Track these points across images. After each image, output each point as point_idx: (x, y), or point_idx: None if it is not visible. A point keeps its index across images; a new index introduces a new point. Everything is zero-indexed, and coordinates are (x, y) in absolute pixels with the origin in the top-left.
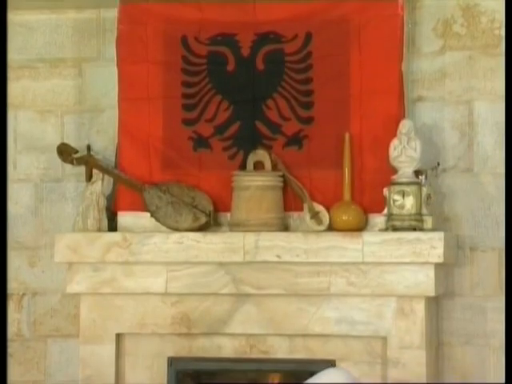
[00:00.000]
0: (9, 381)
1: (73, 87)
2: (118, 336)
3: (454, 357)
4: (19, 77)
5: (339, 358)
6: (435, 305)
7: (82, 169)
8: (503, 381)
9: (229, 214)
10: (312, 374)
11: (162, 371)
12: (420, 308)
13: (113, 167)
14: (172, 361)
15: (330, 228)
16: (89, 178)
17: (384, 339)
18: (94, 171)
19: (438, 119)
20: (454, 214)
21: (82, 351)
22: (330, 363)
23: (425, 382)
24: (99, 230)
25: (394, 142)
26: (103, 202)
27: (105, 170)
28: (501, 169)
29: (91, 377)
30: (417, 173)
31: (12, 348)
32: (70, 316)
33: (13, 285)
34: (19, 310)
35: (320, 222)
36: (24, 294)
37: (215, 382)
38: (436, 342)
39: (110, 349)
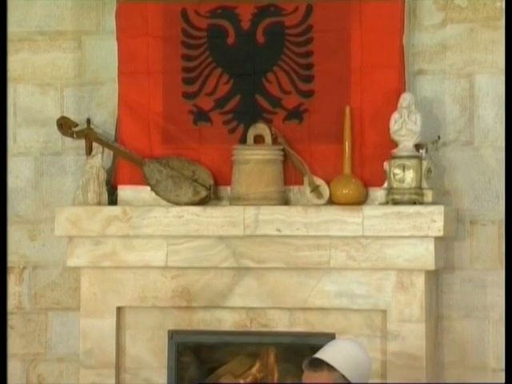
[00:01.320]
0: (10, 353)
1: (72, 60)
2: (119, 309)
3: (453, 330)
4: (18, 50)
5: (339, 332)
6: (435, 278)
7: (82, 142)
8: (503, 352)
9: (229, 188)
10: (312, 347)
11: (162, 344)
12: (420, 281)
13: (113, 141)
14: (172, 334)
15: (330, 202)
16: (89, 151)
17: (384, 312)
18: (94, 145)
19: (438, 92)
20: (454, 187)
21: (83, 324)
22: (330, 336)
23: (424, 355)
24: (99, 203)
25: (395, 116)
26: (103, 176)
27: (105, 144)
28: (501, 142)
29: (92, 350)
30: (417, 146)
31: (13, 320)
32: (70, 289)
33: (13, 258)
34: (20, 283)
35: (320, 196)
36: (25, 268)
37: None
38: (436, 315)
39: (110, 322)
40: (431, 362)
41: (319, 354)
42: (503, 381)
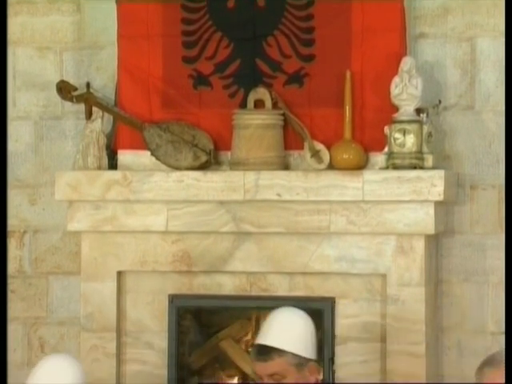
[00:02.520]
0: (11, 317)
1: (71, 23)
2: (119, 273)
3: (453, 293)
4: (17, 12)
5: (339, 296)
6: (435, 242)
7: (82, 106)
8: (502, 316)
9: (229, 153)
10: (312, 310)
11: (162, 308)
12: (420, 246)
13: (113, 105)
14: (173, 298)
15: (331, 166)
16: (88, 115)
17: (383, 276)
18: (94, 109)
19: (439, 56)
20: (454, 152)
21: (84, 288)
22: (330, 300)
23: (423, 319)
24: (99, 168)
25: (396, 80)
26: (103, 140)
27: (105, 108)
28: (502, 106)
29: (93, 313)
30: (418, 111)
31: (14, 284)
32: (71, 253)
33: (14, 222)
34: (20, 247)
35: (320, 161)
36: (25, 232)
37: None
38: (435, 279)
39: (111, 286)
40: (430, 326)
41: (264, 340)
42: (503, 343)
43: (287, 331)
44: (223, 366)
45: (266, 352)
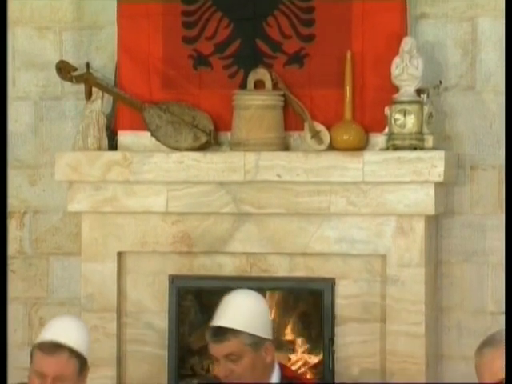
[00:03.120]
0: (12, 297)
1: (71, 3)
2: (119, 254)
3: (452, 274)
4: None
5: (339, 276)
6: (435, 223)
7: (82, 87)
8: (502, 296)
9: (229, 134)
10: (312, 291)
11: (163, 289)
12: (420, 226)
13: (112, 86)
14: (173, 278)
15: (331, 147)
16: (88, 96)
17: (383, 257)
18: (94, 89)
19: (440, 36)
20: (455, 132)
21: (84, 269)
22: (330, 281)
23: (423, 299)
24: (99, 148)
25: (396, 60)
26: (103, 121)
27: (104, 89)
28: (503, 86)
29: (93, 294)
30: (418, 91)
31: (14, 265)
32: (71, 234)
33: (14, 203)
34: (21, 227)
35: (321, 142)
36: (25, 212)
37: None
38: (435, 259)
39: (111, 267)
40: (430, 306)
41: (218, 322)
42: (502, 323)
43: (241, 312)
44: None
45: (221, 333)
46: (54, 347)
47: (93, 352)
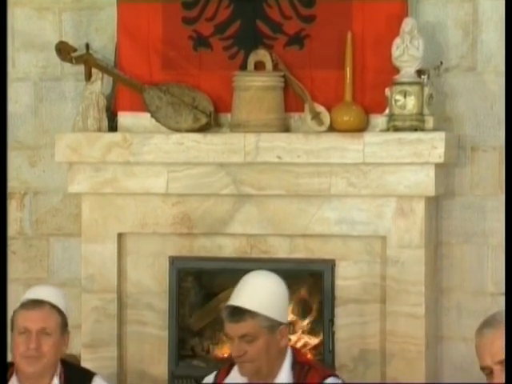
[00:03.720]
0: (13, 278)
1: None
2: (120, 235)
3: (452, 255)
4: None
5: (339, 258)
6: (435, 204)
7: (81, 68)
8: (502, 277)
9: (229, 115)
10: (312, 272)
11: (163, 270)
12: (420, 208)
13: (112, 66)
14: (173, 260)
15: (331, 129)
16: (88, 77)
17: (383, 238)
18: (94, 70)
19: (441, 17)
20: (455, 113)
21: (84, 250)
22: (330, 262)
23: (423, 280)
24: (99, 129)
25: (397, 41)
26: (103, 102)
27: (104, 70)
28: (504, 67)
29: (93, 275)
30: (419, 72)
31: (15, 246)
32: (71, 215)
33: (14, 184)
34: (21, 208)
35: (321, 123)
36: (25, 193)
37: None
38: (435, 240)
39: (111, 248)
40: (430, 288)
41: (237, 302)
42: (502, 304)
43: (261, 294)
44: (223, 327)
45: (238, 313)
46: (36, 302)
47: (94, 333)
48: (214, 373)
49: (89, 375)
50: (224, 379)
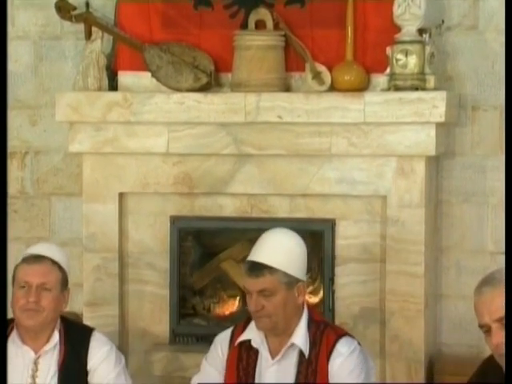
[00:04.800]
0: (14, 236)
1: None
2: (121, 195)
3: (452, 214)
4: None
5: (339, 217)
6: (435, 164)
7: (81, 26)
8: (501, 236)
9: (230, 74)
10: (312, 232)
11: (164, 229)
12: (420, 167)
13: (112, 25)
14: (174, 219)
15: (332, 88)
16: (88, 35)
17: (384, 198)
18: (94, 29)
19: None
20: (456, 72)
21: (86, 209)
22: (330, 222)
23: (423, 239)
24: (100, 89)
25: (398, 0)
26: (103, 61)
27: (104, 28)
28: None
29: (95, 234)
30: (420, 31)
31: (16, 205)
32: (72, 175)
33: (15, 143)
34: (22, 168)
35: (322, 83)
36: (26, 153)
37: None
38: (435, 200)
39: (112, 208)
40: (430, 247)
41: (257, 257)
42: (502, 263)
43: (280, 250)
44: (224, 286)
45: (257, 268)
46: (37, 257)
47: (95, 291)
48: (231, 328)
49: (88, 330)
50: (240, 335)
